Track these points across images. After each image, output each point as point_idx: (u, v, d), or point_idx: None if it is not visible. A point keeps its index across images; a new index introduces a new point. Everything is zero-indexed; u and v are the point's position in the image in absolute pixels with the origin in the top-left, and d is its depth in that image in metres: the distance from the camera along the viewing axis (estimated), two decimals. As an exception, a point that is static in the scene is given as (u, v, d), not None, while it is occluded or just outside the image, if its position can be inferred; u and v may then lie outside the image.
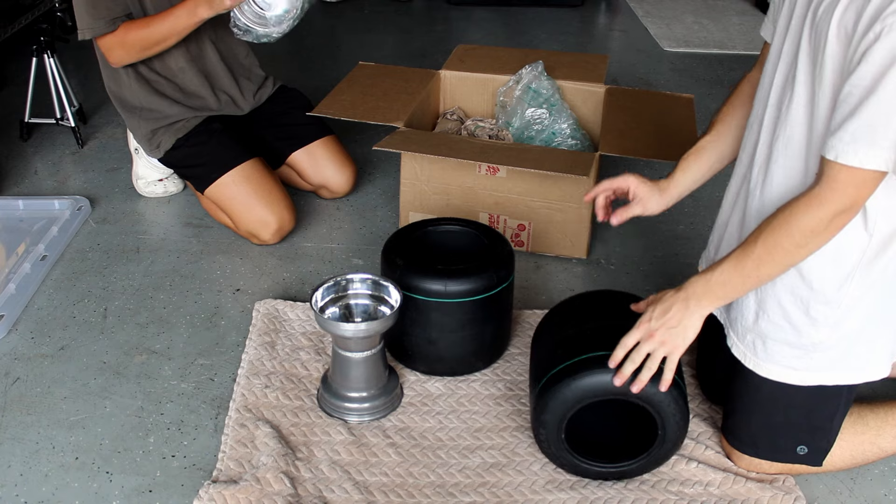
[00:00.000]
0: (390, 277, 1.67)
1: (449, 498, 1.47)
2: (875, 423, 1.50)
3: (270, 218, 2.16)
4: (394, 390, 1.67)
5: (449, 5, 4.43)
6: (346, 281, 1.67)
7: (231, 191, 2.16)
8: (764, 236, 1.26)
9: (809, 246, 1.24)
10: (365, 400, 1.63)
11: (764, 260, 1.27)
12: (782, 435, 1.46)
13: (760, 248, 1.26)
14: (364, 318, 1.67)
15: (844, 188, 1.18)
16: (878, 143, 1.13)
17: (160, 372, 1.77)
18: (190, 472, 1.52)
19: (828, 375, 1.39)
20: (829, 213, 1.20)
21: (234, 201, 2.16)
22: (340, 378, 1.63)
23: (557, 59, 2.55)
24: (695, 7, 4.44)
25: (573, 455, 1.48)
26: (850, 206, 1.20)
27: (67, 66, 2.89)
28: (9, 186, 2.49)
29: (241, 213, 2.16)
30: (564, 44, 3.89)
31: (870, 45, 1.11)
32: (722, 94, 3.16)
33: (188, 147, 2.23)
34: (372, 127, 2.17)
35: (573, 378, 1.41)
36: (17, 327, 1.90)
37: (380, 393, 1.64)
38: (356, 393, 1.62)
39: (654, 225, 2.34)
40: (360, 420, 1.63)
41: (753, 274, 1.29)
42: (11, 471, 1.52)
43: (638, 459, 1.48)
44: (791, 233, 1.23)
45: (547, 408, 1.44)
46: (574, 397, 1.41)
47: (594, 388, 1.40)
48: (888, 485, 1.53)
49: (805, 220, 1.22)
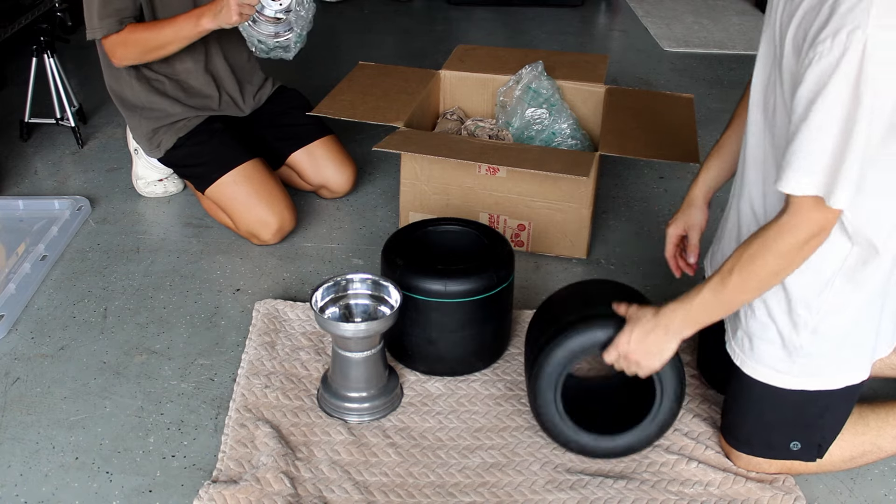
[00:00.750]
0: (390, 277, 1.67)
1: (449, 498, 1.47)
2: (875, 423, 1.50)
3: (271, 218, 2.16)
4: (394, 390, 1.67)
5: (449, 5, 4.43)
6: (346, 281, 1.67)
7: (232, 191, 2.16)
8: (740, 266, 1.27)
9: (786, 272, 1.26)
10: (365, 400, 1.63)
11: (741, 289, 1.28)
12: (774, 432, 1.46)
13: (737, 277, 1.27)
14: (364, 318, 1.67)
15: (805, 215, 1.19)
16: (811, 169, 1.14)
17: (160, 372, 1.77)
18: (190, 472, 1.52)
19: (811, 381, 1.39)
20: (800, 239, 1.21)
21: (235, 201, 2.16)
22: (340, 378, 1.63)
23: (557, 58, 2.55)
24: (695, 7, 4.43)
25: (571, 424, 1.50)
26: (819, 230, 1.21)
27: (67, 66, 2.89)
28: (9, 186, 2.49)
29: (242, 213, 2.16)
30: (564, 44, 3.89)
31: (805, 69, 1.12)
32: (722, 94, 3.16)
33: (189, 146, 2.22)
34: (372, 127, 2.17)
35: (564, 337, 1.45)
36: (17, 327, 1.90)
37: (380, 393, 1.64)
38: (356, 393, 1.62)
39: (654, 225, 2.34)
40: (360, 420, 1.63)
41: (733, 301, 1.32)
42: (11, 471, 1.52)
43: (639, 427, 1.50)
44: (766, 262, 1.24)
45: (542, 372, 1.47)
46: (566, 354, 1.46)
47: (584, 344, 1.45)
48: (888, 485, 1.53)
49: (778, 248, 1.23)
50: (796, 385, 1.39)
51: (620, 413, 1.56)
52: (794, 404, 1.42)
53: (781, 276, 1.27)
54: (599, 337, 1.45)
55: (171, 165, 2.32)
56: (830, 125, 1.12)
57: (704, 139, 2.84)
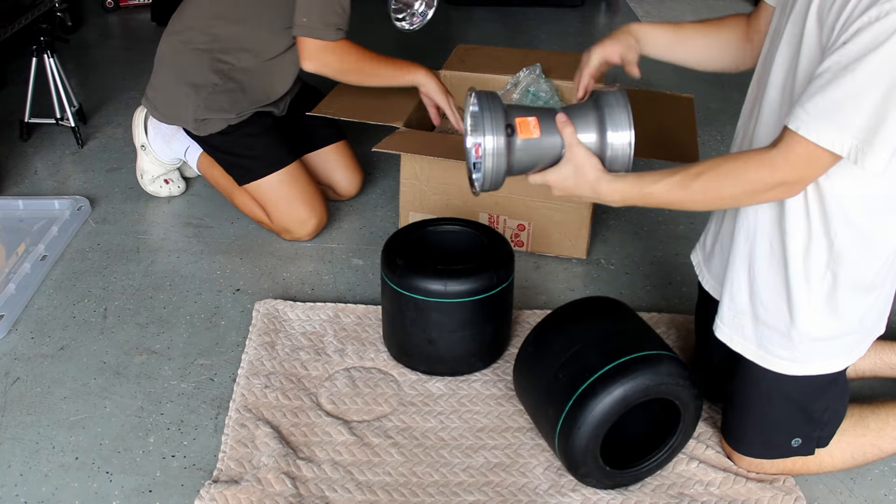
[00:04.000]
0: (390, 277, 1.67)
1: (453, 497, 1.47)
2: (876, 424, 1.50)
3: (311, 218, 2.22)
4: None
5: (449, 5, 4.43)
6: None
7: (277, 189, 2.20)
8: (707, 175, 1.25)
9: (745, 201, 1.27)
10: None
11: (698, 200, 1.28)
12: (776, 429, 1.46)
13: (699, 185, 1.26)
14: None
15: (796, 160, 1.17)
16: (841, 124, 1.11)
17: (160, 372, 1.77)
18: (190, 472, 1.52)
19: (814, 366, 1.39)
20: (777, 179, 1.20)
21: (279, 200, 2.20)
22: None
23: (558, 59, 2.54)
24: (695, 7, 4.43)
25: (609, 468, 1.45)
26: (798, 179, 1.20)
27: (67, 66, 2.89)
28: (9, 186, 2.49)
29: (284, 210, 2.21)
30: (564, 44, 3.89)
31: (853, 34, 1.08)
32: (722, 94, 3.16)
33: (238, 136, 2.20)
34: (372, 127, 2.17)
35: (604, 391, 1.38)
36: (17, 327, 1.90)
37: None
38: None
39: (654, 225, 2.34)
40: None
41: (682, 203, 1.30)
42: (11, 471, 1.52)
43: (662, 451, 1.48)
44: (734, 184, 1.23)
45: (581, 426, 1.39)
46: (609, 408, 1.38)
47: (627, 396, 1.38)
48: (888, 485, 1.53)
49: (752, 177, 1.21)
50: (802, 371, 1.39)
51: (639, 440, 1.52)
52: (797, 394, 1.42)
53: (737, 203, 1.29)
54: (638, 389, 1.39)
55: (211, 148, 2.24)
56: (878, 84, 1.08)
57: (704, 139, 2.84)
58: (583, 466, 1.44)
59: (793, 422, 1.45)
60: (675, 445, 1.49)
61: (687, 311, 1.92)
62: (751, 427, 1.49)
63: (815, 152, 1.15)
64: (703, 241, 1.62)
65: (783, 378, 1.40)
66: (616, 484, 1.48)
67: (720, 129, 2.89)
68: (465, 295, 1.65)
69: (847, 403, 1.48)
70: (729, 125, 2.86)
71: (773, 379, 1.41)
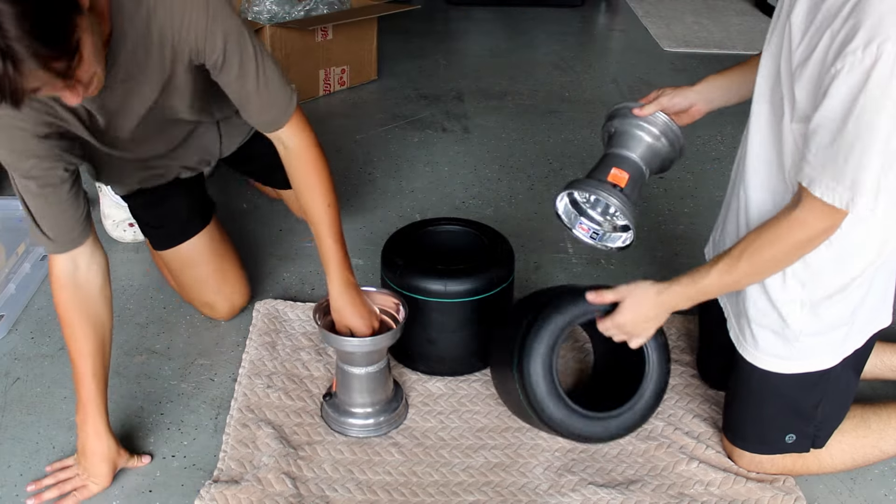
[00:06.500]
0: (390, 277, 1.67)
1: (453, 497, 1.47)
2: (878, 426, 1.51)
3: (220, 303, 1.90)
4: (398, 406, 1.64)
5: (449, 5, 4.43)
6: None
7: (182, 264, 1.88)
8: (748, 254, 1.30)
9: (790, 262, 1.31)
10: (369, 416, 1.60)
11: (748, 275, 1.33)
12: (771, 423, 1.47)
13: (745, 264, 1.30)
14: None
15: (821, 213, 1.21)
16: (844, 178, 1.15)
17: (160, 372, 1.77)
18: (190, 472, 1.52)
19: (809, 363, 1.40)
20: (812, 233, 1.24)
21: (185, 276, 1.90)
22: (344, 393, 1.60)
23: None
24: (695, 7, 4.44)
25: (563, 402, 1.46)
26: (831, 225, 1.23)
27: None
28: (9, 186, 2.49)
29: (192, 289, 1.91)
30: (564, 44, 3.89)
31: (833, 80, 1.11)
32: (722, 95, 3.15)
33: (144, 196, 1.87)
34: (372, 127, 2.17)
35: (554, 311, 1.47)
36: (17, 327, 1.90)
37: (384, 409, 1.61)
38: (360, 409, 1.60)
39: (654, 225, 2.34)
40: (365, 436, 1.59)
41: (737, 285, 1.37)
42: (11, 471, 1.52)
43: (630, 403, 1.49)
44: (775, 254, 1.28)
45: (533, 350, 1.46)
46: (558, 328, 1.46)
47: (576, 314, 1.47)
48: (888, 485, 1.53)
49: (789, 241, 1.26)
50: (796, 369, 1.40)
51: (606, 398, 1.54)
52: (792, 390, 1.43)
53: (785, 265, 1.32)
54: (589, 308, 1.47)
55: (129, 208, 1.94)
56: (873, 140, 1.11)
57: (704, 139, 2.84)
58: (546, 404, 1.45)
59: (784, 417, 1.46)
60: (648, 393, 1.51)
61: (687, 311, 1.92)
62: (746, 420, 1.50)
63: (830, 205, 1.19)
64: (713, 237, 1.64)
65: (772, 375, 1.42)
66: (588, 437, 1.49)
67: (720, 130, 2.90)
68: (465, 295, 1.65)
69: (848, 403, 1.48)
70: (729, 125, 2.86)
71: (763, 376, 1.43)
